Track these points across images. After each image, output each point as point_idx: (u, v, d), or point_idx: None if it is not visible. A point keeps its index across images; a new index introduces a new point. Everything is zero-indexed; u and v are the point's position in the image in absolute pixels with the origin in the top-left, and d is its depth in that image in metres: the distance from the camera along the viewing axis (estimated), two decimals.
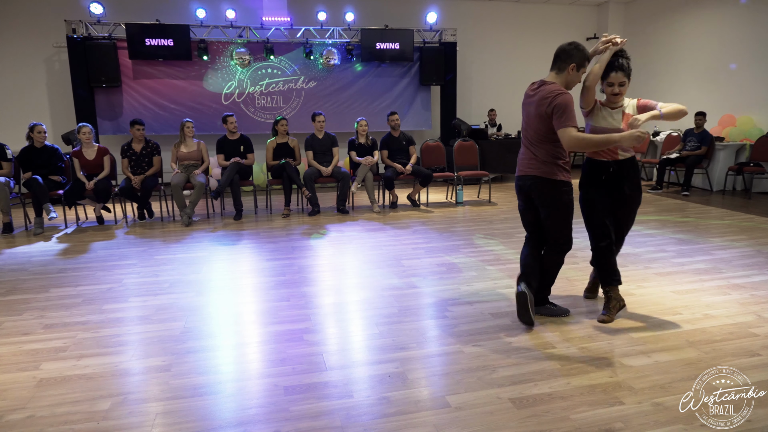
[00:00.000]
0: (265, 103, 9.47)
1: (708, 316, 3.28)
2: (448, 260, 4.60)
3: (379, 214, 6.81)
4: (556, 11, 11.04)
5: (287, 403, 2.36)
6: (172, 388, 2.51)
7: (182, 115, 8.80)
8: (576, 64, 3.10)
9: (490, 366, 2.68)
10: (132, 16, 8.76)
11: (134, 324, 3.31)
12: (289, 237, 5.59)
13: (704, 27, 9.14)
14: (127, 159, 6.41)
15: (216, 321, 3.36)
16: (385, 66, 9.74)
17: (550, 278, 3.29)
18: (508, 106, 10.91)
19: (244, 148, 6.87)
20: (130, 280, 4.20)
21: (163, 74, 8.92)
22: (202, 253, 4.99)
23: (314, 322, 3.29)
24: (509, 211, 6.79)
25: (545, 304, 3.34)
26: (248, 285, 4.06)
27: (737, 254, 4.59)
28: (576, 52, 3.12)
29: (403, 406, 2.33)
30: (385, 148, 7.17)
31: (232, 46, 9.05)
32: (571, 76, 3.13)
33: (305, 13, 9.56)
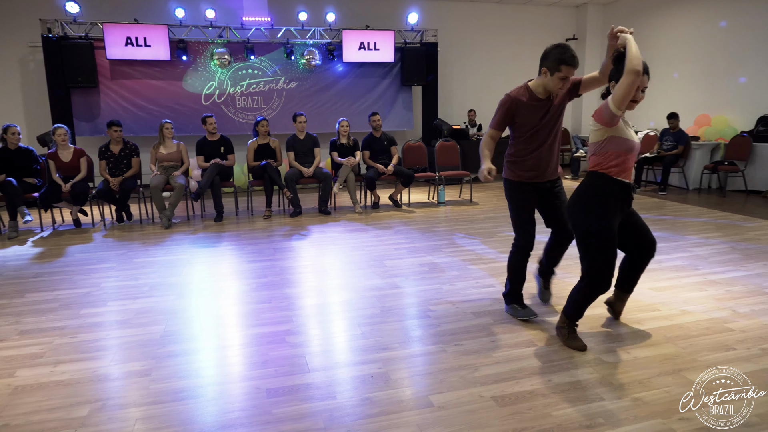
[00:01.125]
0: (246, 104, 9.39)
1: (685, 312, 3.34)
2: (430, 260, 4.62)
3: (361, 214, 6.80)
4: (536, 12, 11.15)
5: (270, 406, 2.35)
6: (152, 392, 2.48)
7: (161, 116, 8.68)
8: (547, 68, 2.88)
9: (472, 365, 2.70)
10: (109, 16, 8.63)
11: (113, 328, 3.26)
12: (270, 238, 5.55)
13: (680, 29, 9.32)
14: (104, 161, 6.30)
15: (197, 324, 3.32)
16: (366, 66, 9.73)
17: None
18: (488, 107, 10.98)
19: (224, 149, 6.81)
20: (108, 283, 4.13)
21: (142, 75, 8.79)
22: (182, 255, 4.93)
23: (296, 324, 3.27)
24: (490, 211, 6.84)
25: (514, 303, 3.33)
26: (229, 287, 4.02)
27: (713, 251, 4.69)
28: (551, 53, 2.86)
29: (386, 407, 2.33)
30: (367, 148, 7.17)
31: (212, 47, 8.96)
32: (546, 80, 2.92)
33: (286, 14, 9.51)
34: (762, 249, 4.74)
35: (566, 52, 2.84)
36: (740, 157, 7.72)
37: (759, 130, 7.83)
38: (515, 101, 3.02)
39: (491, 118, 3.10)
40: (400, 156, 7.45)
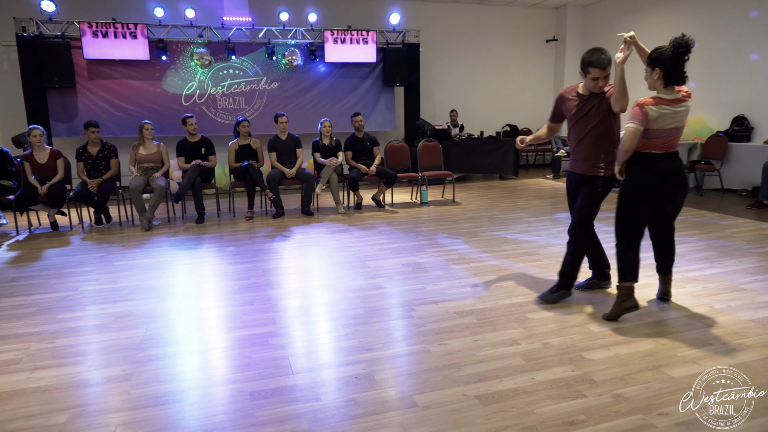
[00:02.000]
0: (227, 105, 9.31)
1: (664, 308, 3.40)
2: (413, 260, 4.63)
3: (344, 215, 6.79)
4: (517, 14, 11.25)
5: (253, 409, 2.33)
6: (132, 397, 2.44)
7: (140, 116, 8.56)
8: (581, 70, 3.32)
9: (456, 364, 2.71)
10: (86, 15, 8.48)
11: (92, 333, 3.20)
12: (252, 240, 5.51)
13: (658, 30, 9.47)
14: (82, 162, 6.19)
15: (178, 327, 3.28)
16: (348, 67, 9.72)
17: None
18: (469, 107, 11.06)
19: (205, 150, 6.73)
20: (87, 287, 4.06)
21: (120, 75, 8.66)
22: (162, 258, 4.87)
23: (279, 326, 3.25)
24: (473, 211, 6.88)
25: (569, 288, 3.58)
26: (211, 289, 3.98)
27: (690, 249, 4.78)
28: (583, 57, 3.30)
29: (371, 407, 2.32)
30: (350, 149, 7.16)
31: (192, 47, 8.86)
32: (584, 81, 3.33)
33: (267, 14, 9.45)
34: (737, 246, 4.84)
35: (593, 55, 3.22)
36: (716, 156, 7.88)
37: (734, 130, 8.00)
38: (561, 96, 3.52)
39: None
40: (382, 156, 7.46)
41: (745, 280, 3.91)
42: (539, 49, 11.58)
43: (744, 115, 7.99)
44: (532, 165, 11.75)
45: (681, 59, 2.96)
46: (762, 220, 5.96)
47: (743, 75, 8.05)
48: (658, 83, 3.07)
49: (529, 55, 11.52)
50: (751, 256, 4.49)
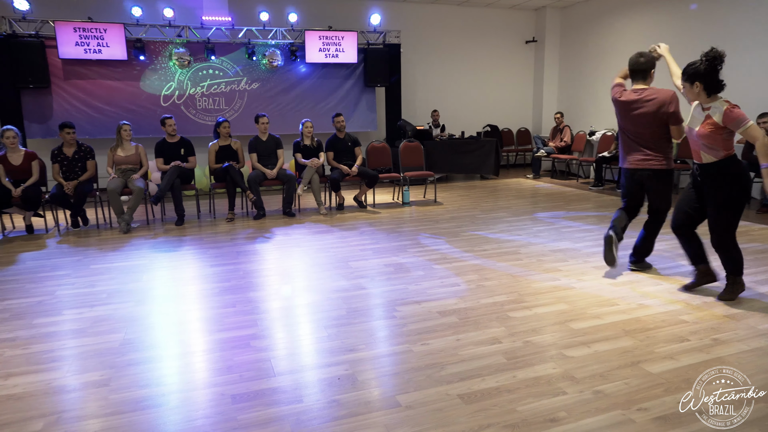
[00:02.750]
0: (207, 105, 9.22)
1: (642, 305, 3.46)
2: (395, 260, 4.63)
3: (325, 216, 6.77)
4: (497, 15, 11.33)
5: (235, 412, 2.31)
6: (111, 403, 2.40)
7: (118, 117, 8.42)
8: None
9: (438, 363, 2.72)
10: (61, 13, 8.32)
11: (69, 338, 3.14)
12: (233, 242, 5.46)
13: (635, 31, 9.63)
14: (58, 164, 6.07)
15: (158, 331, 3.24)
16: (329, 67, 9.69)
17: (651, 242, 4.10)
18: (450, 107, 11.11)
19: (184, 151, 6.66)
20: (63, 291, 3.98)
21: (97, 75, 8.51)
22: (142, 260, 4.80)
23: (261, 328, 3.23)
24: (455, 211, 6.91)
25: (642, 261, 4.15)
26: (192, 292, 3.93)
27: (667, 246, 4.86)
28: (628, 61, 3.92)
29: (354, 408, 2.32)
30: (331, 149, 7.14)
31: (170, 46, 8.75)
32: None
33: (247, 13, 9.37)
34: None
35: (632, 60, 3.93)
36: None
37: None
38: (612, 98, 4.03)
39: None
40: (364, 157, 7.45)
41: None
42: (519, 50, 11.69)
43: None
44: (513, 165, 11.85)
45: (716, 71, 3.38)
46: None
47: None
48: (702, 95, 3.42)
49: (509, 55, 11.62)
50: None
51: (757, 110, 6.69)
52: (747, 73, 7.63)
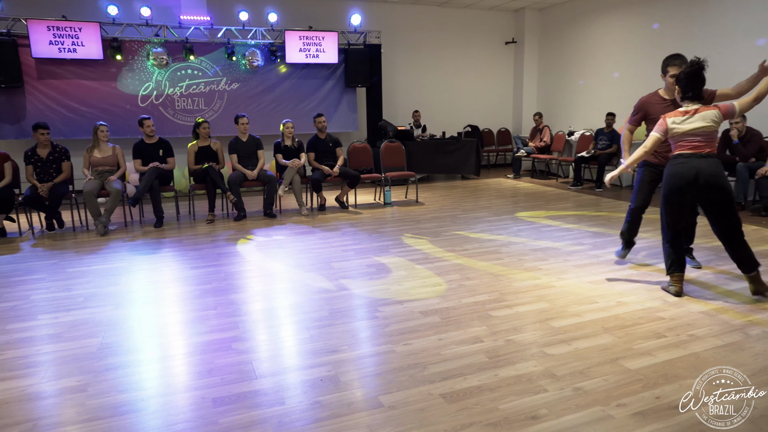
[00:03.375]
0: (186, 105, 9.10)
1: (621, 303, 3.51)
2: (377, 261, 4.63)
3: (307, 217, 6.74)
4: (477, 16, 11.41)
5: (216, 416, 2.28)
6: (89, 409, 2.35)
7: (94, 118, 8.27)
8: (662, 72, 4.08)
9: (421, 363, 2.72)
10: (34, 11, 8.14)
11: (44, 343, 3.07)
12: (214, 243, 5.40)
13: (613, 33, 9.78)
14: (31, 165, 5.94)
15: (137, 334, 3.19)
16: (310, 68, 9.65)
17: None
18: (432, 108, 11.15)
19: (163, 152, 6.57)
20: (38, 296, 3.89)
21: (72, 74, 8.35)
22: (120, 263, 4.72)
23: (243, 330, 3.20)
24: (436, 211, 6.94)
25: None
26: (172, 295, 3.88)
27: (645, 245, 4.95)
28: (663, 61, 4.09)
29: (337, 409, 2.31)
30: (312, 150, 7.11)
31: (148, 46, 8.62)
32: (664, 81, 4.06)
33: (226, 13, 9.29)
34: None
35: (669, 56, 3.95)
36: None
37: None
38: (646, 102, 4.16)
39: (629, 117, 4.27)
40: (345, 158, 7.44)
41: (696, 273, 4.08)
42: (499, 51, 11.79)
43: None
44: (494, 165, 11.95)
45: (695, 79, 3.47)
46: None
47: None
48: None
49: (489, 56, 11.71)
50: (702, 251, 4.69)
51: None
52: (727, 71, 7.80)
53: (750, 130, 6.52)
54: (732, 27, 7.69)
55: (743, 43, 7.58)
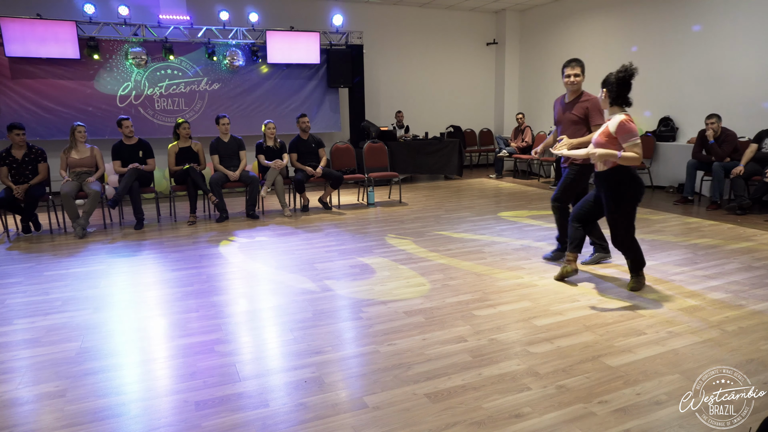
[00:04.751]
0: (166, 106, 8.99)
1: (602, 301, 3.56)
2: (361, 261, 4.63)
3: (290, 218, 6.70)
4: (458, 17, 11.48)
5: (199, 419, 2.26)
6: (67, 414, 2.31)
7: (71, 118, 8.13)
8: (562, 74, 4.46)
9: (405, 363, 2.73)
10: (7, 9, 7.96)
11: (20, 348, 3.00)
12: (195, 245, 5.34)
13: (592, 34, 9.91)
14: (6, 167, 5.81)
15: (117, 338, 3.14)
16: (292, 68, 9.60)
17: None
18: (415, 108, 11.18)
19: (143, 153, 6.48)
20: (14, 300, 3.81)
21: (48, 74, 8.19)
22: (99, 266, 4.64)
23: (226, 332, 3.17)
24: (420, 211, 6.96)
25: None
26: (153, 297, 3.83)
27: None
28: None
29: (321, 411, 2.30)
30: (295, 150, 7.08)
31: (126, 45, 8.50)
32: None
33: (206, 13, 9.19)
34: (666, 240, 5.13)
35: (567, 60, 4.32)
36: (646, 155, 8.33)
37: (661, 130, 8.48)
38: (555, 101, 4.52)
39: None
40: (328, 158, 7.41)
41: (674, 271, 4.16)
42: (480, 52, 11.86)
43: (669, 116, 8.49)
44: (476, 165, 12.02)
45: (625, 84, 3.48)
46: (687, 214, 6.35)
47: (669, 78, 8.54)
48: (605, 102, 3.59)
49: (470, 57, 11.78)
50: (679, 249, 4.78)
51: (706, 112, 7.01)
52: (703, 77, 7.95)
53: (725, 131, 6.66)
54: (711, 31, 7.85)
55: (723, 46, 7.73)
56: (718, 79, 7.77)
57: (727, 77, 7.61)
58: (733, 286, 3.80)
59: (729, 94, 7.59)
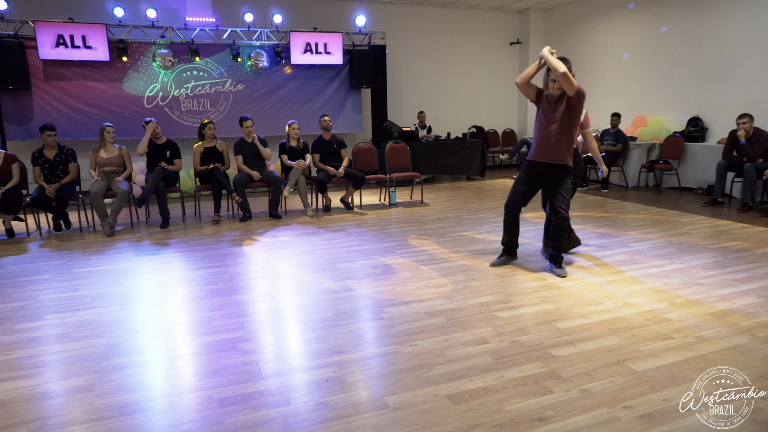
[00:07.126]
0: (192, 107, 9.14)
1: (627, 304, 3.50)
2: (382, 261, 4.63)
3: (312, 217, 6.75)
4: (482, 17, 11.41)
5: (222, 416, 2.29)
6: (96, 408, 2.37)
7: (100, 119, 8.32)
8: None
9: (426, 364, 2.72)
10: (41, 14, 8.19)
11: (52, 343, 3.09)
12: (219, 244, 5.42)
13: (618, 33, 9.75)
14: (38, 167, 5.98)
15: (143, 335, 3.20)
16: (315, 69, 9.67)
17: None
18: (436, 109, 11.14)
19: (170, 153, 6.59)
20: (46, 296, 3.92)
21: (79, 76, 8.40)
22: (126, 264, 4.74)
23: (248, 331, 3.21)
24: (441, 212, 6.93)
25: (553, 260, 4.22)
26: (177, 295, 3.90)
27: (651, 245, 4.93)
28: None
29: (342, 410, 2.32)
30: (317, 151, 7.12)
31: (154, 47, 8.66)
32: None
33: (231, 14, 9.32)
34: (694, 242, 5.02)
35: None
36: (673, 156, 8.16)
37: (689, 130, 8.29)
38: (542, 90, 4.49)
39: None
40: (350, 158, 7.44)
41: (702, 275, 4.06)
42: (504, 52, 11.77)
43: (699, 116, 8.30)
44: (498, 166, 11.93)
45: None
46: (717, 217, 6.19)
47: (698, 77, 8.35)
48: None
49: (493, 57, 11.69)
50: (708, 252, 4.66)
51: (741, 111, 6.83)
52: (738, 77, 7.76)
53: (757, 131, 6.49)
54: (741, 29, 7.65)
55: (755, 44, 7.54)
56: (750, 76, 7.57)
57: (760, 75, 7.40)
58: (765, 291, 3.69)
59: (762, 92, 7.38)
